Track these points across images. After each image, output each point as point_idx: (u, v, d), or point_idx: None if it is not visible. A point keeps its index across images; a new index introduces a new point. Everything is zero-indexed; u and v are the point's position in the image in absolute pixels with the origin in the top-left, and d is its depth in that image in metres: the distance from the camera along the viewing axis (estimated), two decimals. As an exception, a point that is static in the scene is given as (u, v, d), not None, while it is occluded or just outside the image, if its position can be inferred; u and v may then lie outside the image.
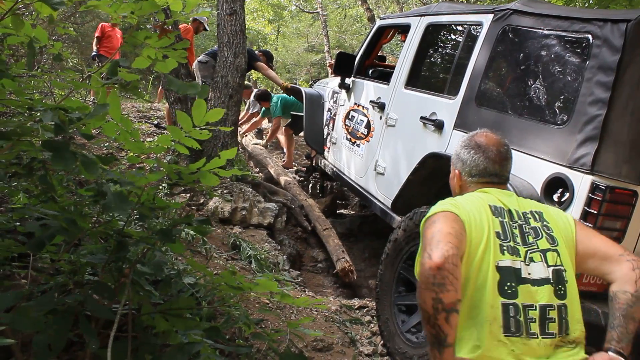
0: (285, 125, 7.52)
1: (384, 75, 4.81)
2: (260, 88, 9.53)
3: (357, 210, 6.57)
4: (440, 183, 3.16)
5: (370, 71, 5.22)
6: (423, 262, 1.37)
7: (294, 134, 7.45)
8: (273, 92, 9.52)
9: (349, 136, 4.87)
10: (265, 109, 8.05)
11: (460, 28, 3.75)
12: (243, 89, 5.90)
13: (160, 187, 4.46)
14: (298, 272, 4.59)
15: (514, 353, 1.46)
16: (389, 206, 3.86)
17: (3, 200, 2.86)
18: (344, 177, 4.96)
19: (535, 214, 1.68)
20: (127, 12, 1.79)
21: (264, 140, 8.43)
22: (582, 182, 2.36)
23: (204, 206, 4.69)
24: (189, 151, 1.85)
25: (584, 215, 2.34)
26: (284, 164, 7.29)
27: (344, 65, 4.92)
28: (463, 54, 3.45)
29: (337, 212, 6.45)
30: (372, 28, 5.24)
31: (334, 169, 5.26)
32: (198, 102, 1.73)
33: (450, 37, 4.06)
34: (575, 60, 2.60)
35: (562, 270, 1.57)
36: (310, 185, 6.80)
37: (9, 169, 1.90)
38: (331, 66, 7.15)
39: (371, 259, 5.18)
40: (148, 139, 6.09)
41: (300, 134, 7.28)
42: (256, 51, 6.66)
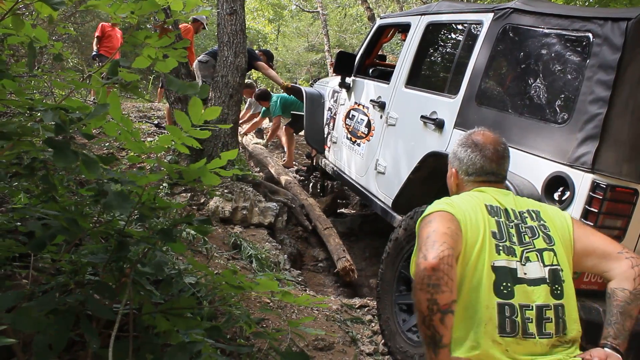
0: (286, 124, 7.51)
1: (384, 75, 4.81)
2: (261, 87, 9.51)
3: (358, 209, 6.57)
4: (440, 182, 3.14)
5: (371, 70, 5.22)
6: (418, 262, 1.37)
7: (295, 133, 7.45)
8: (273, 91, 9.51)
9: (349, 135, 4.87)
10: (265, 109, 8.04)
11: (460, 27, 3.75)
12: (243, 89, 5.89)
13: (161, 186, 4.46)
14: (299, 271, 4.59)
15: (508, 353, 1.46)
16: (390, 205, 3.86)
17: (4, 200, 2.86)
18: (344, 176, 4.96)
19: (532, 213, 1.67)
20: (127, 12, 1.79)
21: (264, 140, 8.42)
22: (582, 181, 2.36)
23: (205, 206, 4.69)
24: (190, 151, 1.85)
25: (585, 213, 2.34)
26: (285, 164, 7.29)
27: (344, 65, 4.92)
28: (463, 52, 3.45)
29: (338, 211, 6.45)
30: (372, 27, 5.23)
31: (335, 168, 5.26)
32: (194, 100, 1.72)
33: (450, 36, 4.05)
34: (575, 58, 2.60)
35: (559, 269, 1.57)
36: (311, 184, 6.80)
37: (10, 169, 1.90)
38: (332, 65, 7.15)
39: (372, 258, 5.18)
40: (149, 138, 6.08)
41: (300, 133, 7.28)
42: (256, 51, 6.66)
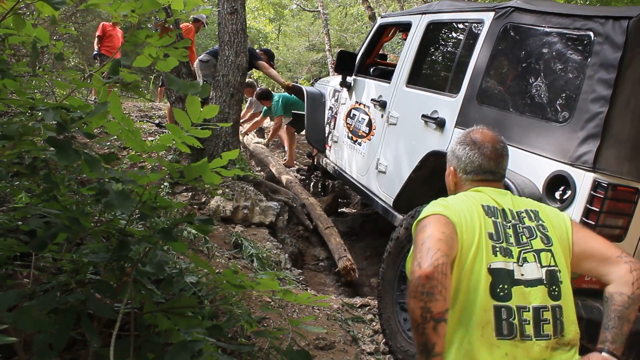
0: (287, 123, 7.51)
1: (385, 74, 4.80)
2: (262, 87, 9.51)
3: (359, 208, 6.57)
4: (441, 181, 3.09)
5: (372, 69, 5.21)
6: (413, 270, 1.36)
7: (296, 133, 7.45)
8: (274, 91, 9.51)
9: (350, 134, 4.87)
10: (267, 108, 8.04)
11: (461, 26, 3.74)
12: (244, 88, 5.89)
13: (162, 186, 4.46)
14: (300, 270, 4.59)
15: (507, 357, 1.45)
16: (391, 204, 3.86)
17: (5, 199, 2.87)
18: (345, 175, 4.96)
19: (531, 213, 1.66)
20: (128, 11, 1.79)
21: (265, 139, 8.42)
22: (584, 180, 2.36)
23: (206, 205, 4.69)
24: (191, 150, 1.85)
25: (586, 212, 2.33)
26: (286, 163, 7.29)
27: (345, 64, 4.92)
28: (464, 51, 3.44)
29: (339, 210, 6.44)
30: (373, 26, 5.23)
31: (336, 168, 5.25)
32: (190, 99, 1.71)
33: (451, 35, 4.05)
34: (576, 57, 2.59)
35: (556, 270, 1.55)
36: (312, 183, 6.80)
37: (11, 168, 1.90)
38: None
39: (373, 258, 5.17)
40: (150, 138, 6.08)
41: (301, 132, 7.27)
42: (257, 50, 6.65)
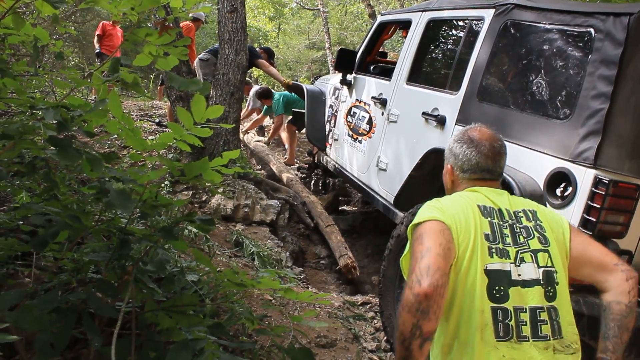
0: (287, 122, 7.51)
1: (385, 72, 4.80)
2: (262, 86, 9.50)
3: (360, 206, 6.57)
4: (442, 179, 3.16)
5: (372, 67, 5.21)
6: (412, 286, 1.35)
7: (297, 131, 7.45)
8: (274, 89, 9.50)
9: (350, 132, 4.86)
10: (267, 107, 8.04)
11: (461, 23, 3.74)
12: (244, 86, 5.88)
13: (163, 184, 4.46)
14: (301, 268, 4.60)
15: (504, 359, 1.44)
16: (392, 202, 3.86)
17: (6, 199, 2.87)
18: (346, 173, 4.96)
19: (529, 213, 1.64)
20: (127, 9, 1.79)
21: (265, 138, 8.43)
22: (585, 176, 2.36)
23: (207, 203, 4.69)
24: (191, 149, 1.85)
25: (587, 209, 2.33)
26: (286, 161, 7.29)
27: (346, 62, 4.92)
28: (465, 49, 3.44)
29: (340, 208, 6.45)
30: (373, 24, 5.22)
31: (336, 166, 5.25)
32: (197, 98, 1.72)
33: (451, 33, 4.04)
34: (577, 54, 2.59)
35: (553, 271, 1.54)
36: (313, 182, 6.80)
37: (12, 167, 1.90)
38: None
39: (374, 255, 5.18)
40: (150, 137, 6.08)
41: (302, 130, 7.27)
42: (257, 48, 6.65)
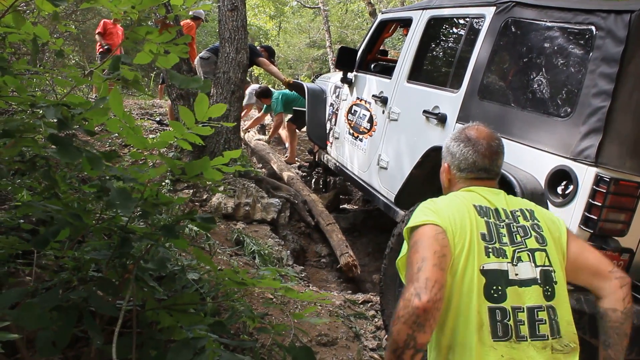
0: (288, 120, 7.51)
1: (386, 70, 4.80)
2: (261, 85, 9.48)
3: (361, 204, 6.57)
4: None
5: (373, 65, 5.20)
6: (410, 298, 1.34)
7: (297, 129, 7.45)
8: (275, 87, 9.50)
9: (351, 131, 4.86)
10: (267, 106, 8.03)
11: (462, 21, 3.73)
12: (245, 85, 5.88)
13: (164, 183, 4.46)
14: (302, 267, 4.60)
15: (503, 359, 1.43)
16: (392, 200, 3.85)
17: (6, 197, 2.87)
18: (347, 171, 4.96)
19: (526, 212, 1.64)
20: (128, 7, 1.79)
21: (266, 136, 8.42)
22: (586, 174, 2.35)
23: (207, 202, 4.69)
24: (192, 147, 1.85)
25: (588, 207, 2.33)
26: (287, 160, 7.29)
27: (346, 60, 4.92)
28: (465, 47, 3.43)
29: (341, 207, 6.45)
30: (373, 22, 5.22)
31: (337, 164, 5.25)
32: (200, 96, 1.72)
33: (452, 31, 4.04)
34: (578, 52, 2.58)
35: (551, 270, 1.54)
36: (313, 180, 6.80)
37: (12, 165, 1.90)
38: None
39: (375, 254, 5.18)
40: (151, 135, 6.08)
41: (302, 129, 7.27)
42: (258, 47, 6.64)
